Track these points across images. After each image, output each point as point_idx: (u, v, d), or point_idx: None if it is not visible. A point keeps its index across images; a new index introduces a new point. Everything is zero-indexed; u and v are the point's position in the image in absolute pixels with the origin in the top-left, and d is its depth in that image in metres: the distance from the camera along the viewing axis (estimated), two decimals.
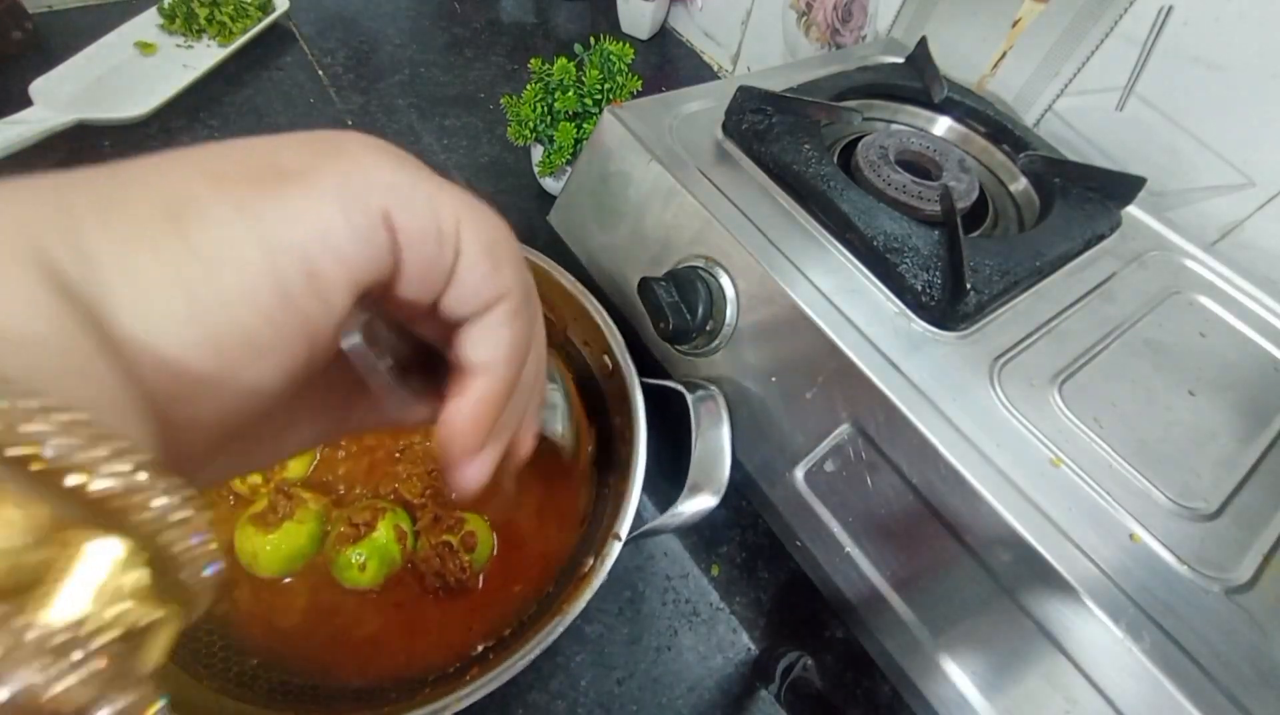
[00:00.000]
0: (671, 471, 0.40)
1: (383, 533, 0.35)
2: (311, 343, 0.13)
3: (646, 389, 0.38)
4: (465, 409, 0.16)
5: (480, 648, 0.34)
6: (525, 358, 0.17)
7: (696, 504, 0.33)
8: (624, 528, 0.33)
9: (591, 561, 0.33)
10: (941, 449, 0.30)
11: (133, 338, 0.11)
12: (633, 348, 0.40)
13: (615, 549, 0.32)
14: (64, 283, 0.10)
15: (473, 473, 0.16)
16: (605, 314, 0.41)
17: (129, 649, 0.09)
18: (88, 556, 0.09)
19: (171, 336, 0.11)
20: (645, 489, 0.35)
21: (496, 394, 0.16)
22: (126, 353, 0.11)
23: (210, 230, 0.12)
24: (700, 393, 0.37)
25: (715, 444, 0.35)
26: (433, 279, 0.15)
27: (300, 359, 0.13)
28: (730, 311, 0.37)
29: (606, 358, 0.40)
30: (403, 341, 0.17)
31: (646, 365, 0.40)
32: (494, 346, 0.16)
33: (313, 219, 0.12)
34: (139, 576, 0.10)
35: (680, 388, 0.37)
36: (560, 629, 0.29)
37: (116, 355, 0.11)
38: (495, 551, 0.38)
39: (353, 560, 0.34)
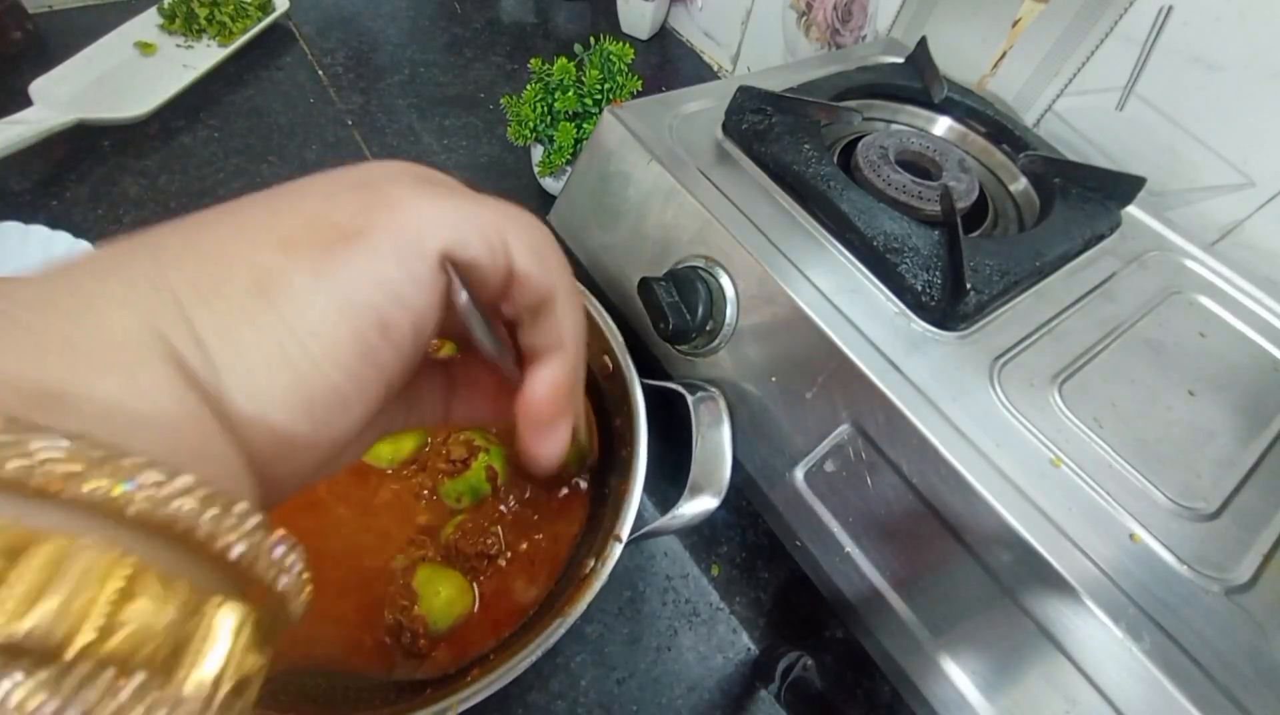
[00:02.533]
0: (672, 472, 0.40)
1: (475, 471, 0.38)
2: (389, 385, 0.15)
3: (647, 390, 0.38)
4: (545, 383, 0.17)
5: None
6: (584, 337, 0.18)
7: (697, 506, 0.33)
8: (625, 529, 0.33)
9: (593, 563, 0.33)
10: (941, 449, 0.30)
11: (245, 412, 0.12)
12: (633, 349, 0.40)
13: (616, 551, 0.32)
14: (187, 370, 0.12)
15: (554, 443, 0.18)
16: (606, 314, 0.41)
17: (241, 697, 0.11)
18: (216, 626, 0.10)
19: (277, 406, 0.13)
20: (646, 490, 0.35)
21: (569, 369, 0.18)
22: (240, 427, 0.12)
23: (296, 301, 0.13)
24: (701, 394, 0.37)
25: (716, 446, 0.35)
26: (492, 289, 0.16)
27: (379, 399, 0.15)
28: (730, 311, 0.37)
29: (607, 358, 0.40)
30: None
31: (647, 366, 0.40)
32: (558, 329, 0.17)
33: (379, 277, 0.14)
34: (249, 633, 0.11)
35: (681, 389, 0.37)
36: (562, 630, 0.29)
37: (233, 431, 0.12)
38: (470, 613, 0.35)
39: (451, 493, 0.38)
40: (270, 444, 0.13)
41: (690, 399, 0.37)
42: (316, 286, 0.13)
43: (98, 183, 0.54)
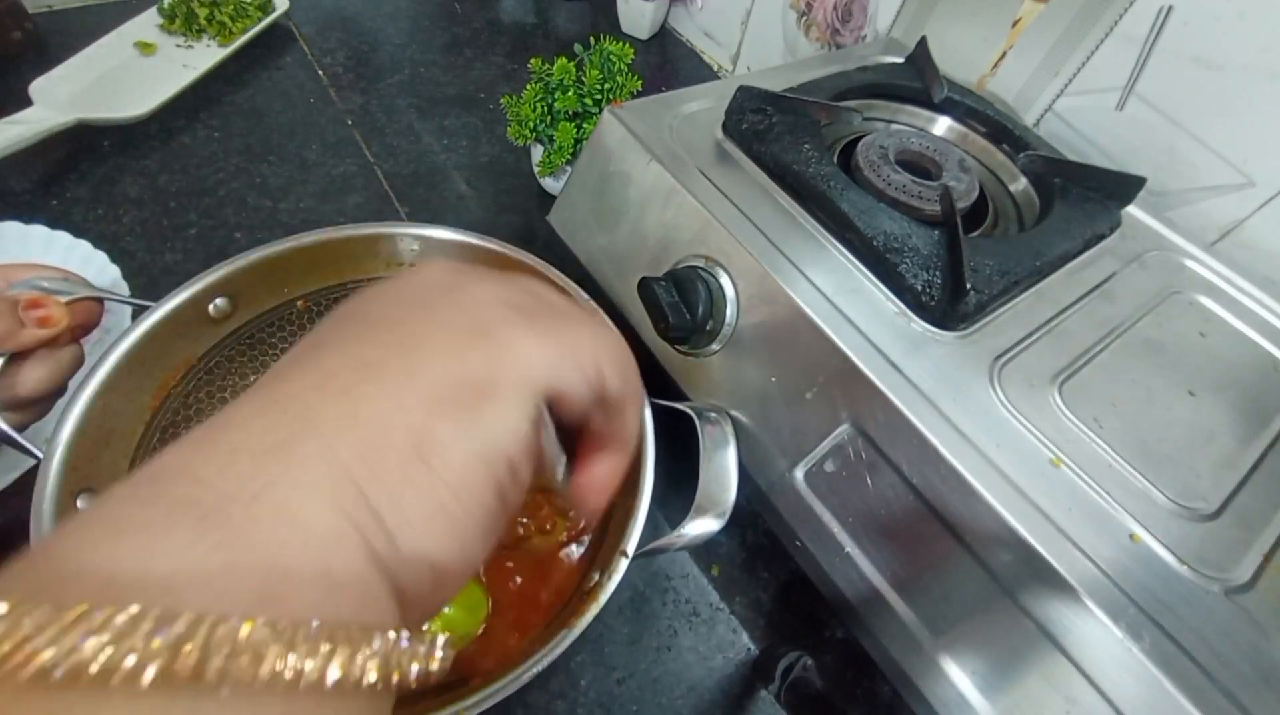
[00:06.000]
0: (676, 488, 0.40)
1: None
2: (513, 511, 0.17)
3: (655, 409, 0.38)
4: (607, 472, 0.22)
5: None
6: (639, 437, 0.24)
7: (701, 526, 0.33)
8: (631, 545, 0.33)
9: (598, 577, 0.32)
10: (941, 449, 0.30)
11: (411, 559, 0.15)
12: (641, 365, 0.40)
13: (622, 565, 0.32)
14: (372, 551, 0.14)
15: (598, 509, 0.23)
16: (615, 330, 0.41)
17: None
18: None
19: (438, 549, 0.15)
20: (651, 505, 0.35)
21: (626, 462, 0.22)
22: (405, 568, 0.15)
23: (448, 458, 0.15)
24: (709, 416, 0.37)
25: (721, 468, 0.35)
26: (579, 409, 0.19)
27: (508, 523, 0.17)
28: (730, 311, 0.37)
29: None
30: None
31: (655, 383, 0.40)
32: (626, 429, 0.21)
33: (509, 426, 0.16)
34: None
35: (689, 411, 0.37)
36: (566, 643, 0.29)
37: (398, 579, 0.14)
38: (482, 624, 0.35)
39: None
40: (429, 579, 0.15)
41: (698, 421, 0.37)
42: (462, 442, 0.15)
43: (98, 183, 0.54)
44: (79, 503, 0.31)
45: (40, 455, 0.30)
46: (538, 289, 0.21)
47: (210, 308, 0.38)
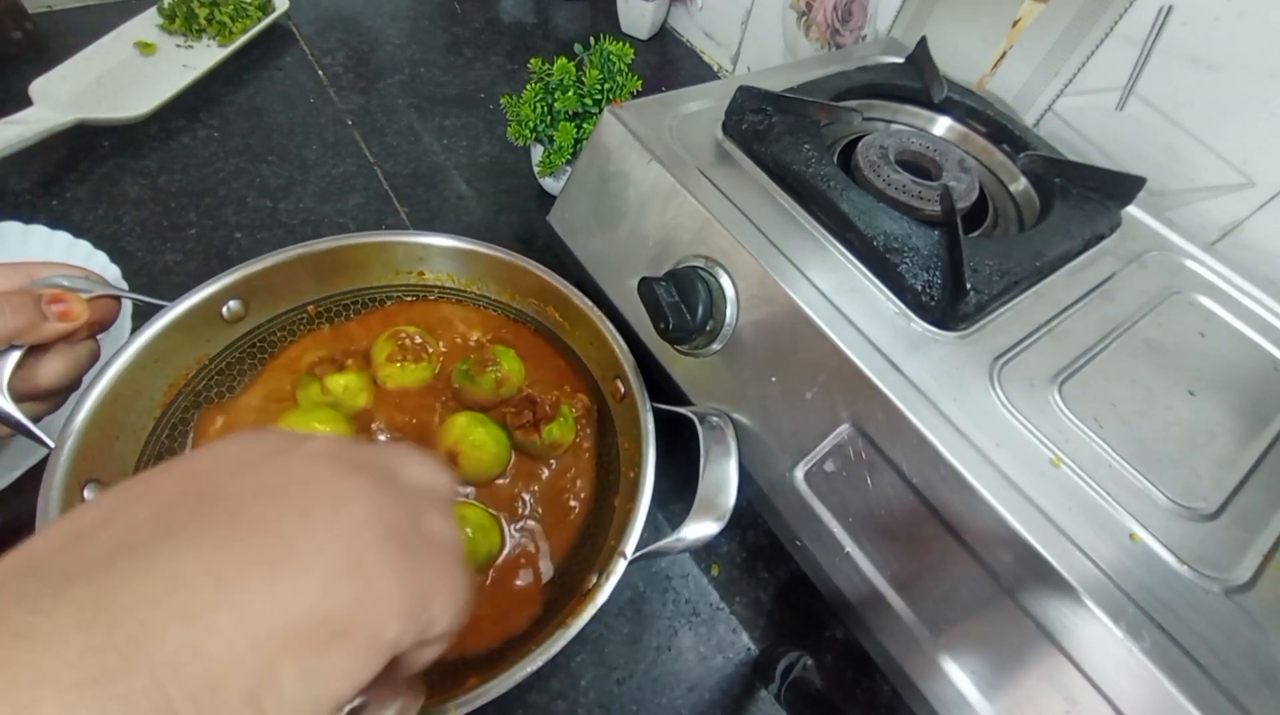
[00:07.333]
0: (676, 491, 0.40)
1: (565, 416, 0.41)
2: None
3: (657, 413, 0.38)
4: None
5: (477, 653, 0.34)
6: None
7: (700, 529, 0.33)
8: (630, 546, 0.33)
9: (596, 578, 0.33)
10: (941, 449, 0.30)
11: None
12: (645, 371, 0.40)
13: (620, 566, 0.32)
14: None
15: None
16: (618, 336, 0.41)
17: None
18: None
19: None
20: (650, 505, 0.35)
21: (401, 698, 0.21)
22: None
23: (283, 706, 0.15)
24: (710, 421, 0.37)
25: (721, 473, 0.35)
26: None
27: None
28: (730, 311, 0.37)
29: (619, 382, 0.41)
30: None
31: (656, 388, 0.40)
32: (412, 666, 0.20)
33: (351, 675, 0.16)
34: None
35: (691, 416, 0.37)
36: (561, 643, 0.29)
37: None
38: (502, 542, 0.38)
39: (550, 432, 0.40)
40: None
41: (699, 426, 0.37)
42: (302, 688, 0.15)
43: (98, 183, 0.54)
44: (86, 493, 0.31)
45: (52, 445, 0.31)
46: (406, 476, 0.20)
47: (223, 309, 0.39)
